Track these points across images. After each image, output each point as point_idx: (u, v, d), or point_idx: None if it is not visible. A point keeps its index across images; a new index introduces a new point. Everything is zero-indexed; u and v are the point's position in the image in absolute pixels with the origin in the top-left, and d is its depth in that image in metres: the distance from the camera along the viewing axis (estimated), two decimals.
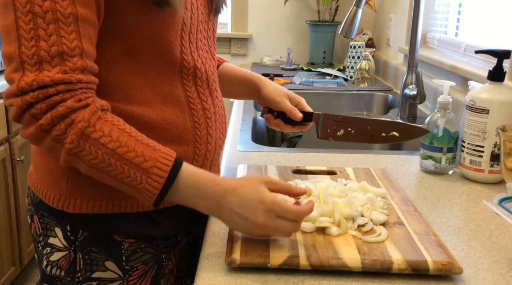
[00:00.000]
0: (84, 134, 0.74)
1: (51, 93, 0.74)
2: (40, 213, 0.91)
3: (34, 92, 0.73)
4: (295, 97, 1.12)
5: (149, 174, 0.76)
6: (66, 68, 0.74)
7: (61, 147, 0.76)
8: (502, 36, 1.57)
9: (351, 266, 0.76)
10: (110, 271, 0.88)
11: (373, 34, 2.74)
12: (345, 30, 1.72)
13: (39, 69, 0.74)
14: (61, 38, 0.74)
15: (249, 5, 2.88)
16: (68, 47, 0.74)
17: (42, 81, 0.73)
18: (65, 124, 0.74)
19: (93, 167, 0.76)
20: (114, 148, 0.75)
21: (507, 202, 0.85)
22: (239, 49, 2.93)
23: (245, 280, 0.76)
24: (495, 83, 1.14)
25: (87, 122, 0.75)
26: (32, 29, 0.73)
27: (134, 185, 0.76)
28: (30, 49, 0.73)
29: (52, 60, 0.74)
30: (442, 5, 2.05)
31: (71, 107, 0.74)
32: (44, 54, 0.73)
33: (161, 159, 0.76)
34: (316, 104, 2.13)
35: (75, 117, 0.74)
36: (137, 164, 0.75)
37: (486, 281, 0.77)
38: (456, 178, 1.18)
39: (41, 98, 0.74)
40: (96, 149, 0.75)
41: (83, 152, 0.75)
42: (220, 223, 0.93)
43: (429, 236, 0.84)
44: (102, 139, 0.75)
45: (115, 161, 0.75)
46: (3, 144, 2.20)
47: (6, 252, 2.27)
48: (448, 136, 1.18)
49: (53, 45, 0.74)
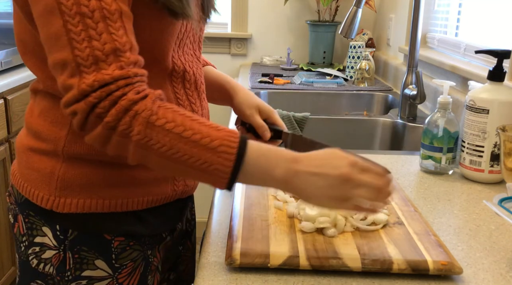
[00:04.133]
0: (149, 123, 0.73)
1: (112, 90, 0.72)
2: (25, 212, 0.91)
3: (96, 92, 0.72)
4: (266, 109, 1.08)
5: (219, 153, 0.74)
6: (122, 64, 0.73)
7: (128, 142, 0.74)
8: (502, 36, 1.57)
9: (351, 266, 0.76)
10: (100, 269, 0.88)
11: (373, 34, 2.74)
12: (345, 30, 1.72)
13: (97, 69, 0.72)
14: (111, 35, 0.73)
15: (249, 5, 2.88)
16: (120, 43, 0.74)
17: (103, 79, 0.72)
18: (130, 117, 0.73)
19: (162, 156, 0.74)
20: (180, 132, 0.74)
21: (507, 202, 0.85)
22: (239, 49, 2.93)
23: (245, 280, 0.76)
24: (495, 83, 1.14)
25: (150, 111, 0.73)
26: (82, 31, 0.72)
27: (205, 168, 0.74)
28: (84, 50, 0.72)
29: (107, 58, 0.73)
30: (442, 5, 2.05)
31: (132, 99, 0.73)
32: (99, 53, 0.72)
33: (227, 137, 0.75)
34: (316, 104, 2.13)
35: (138, 108, 0.73)
36: (205, 145, 0.74)
37: (486, 281, 0.77)
38: (456, 178, 1.18)
39: (104, 96, 0.72)
40: (163, 136, 0.73)
41: (150, 141, 0.73)
42: (220, 223, 0.93)
43: (429, 236, 0.84)
44: (167, 125, 0.74)
45: (183, 145, 0.73)
46: (3, 144, 2.20)
47: (6, 252, 2.27)
48: (448, 136, 1.18)
49: (106, 43, 0.73)
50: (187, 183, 0.96)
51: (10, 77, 2.24)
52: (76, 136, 0.85)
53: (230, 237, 0.83)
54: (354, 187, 0.74)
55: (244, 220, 0.88)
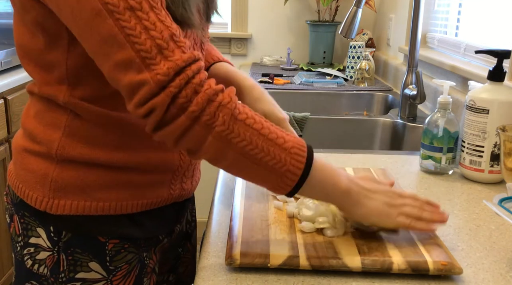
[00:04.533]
0: (233, 116, 0.72)
1: (189, 75, 0.70)
2: (21, 213, 0.90)
3: (174, 80, 0.69)
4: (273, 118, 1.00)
5: (291, 155, 0.74)
6: (182, 48, 0.72)
7: (208, 134, 0.72)
8: (502, 36, 1.57)
9: (351, 266, 0.76)
10: (94, 271, 0.88)
11: (373, 34, 2.74)
12: (345, 30, 1.72)
13: (164, 58, 0.70)
14: (163, 23, 0.71)
15: (249, 5, 2.88)
16: (174, 29, 0.72)
17: (176, 66, 0.70)
18: (214, 107, 0.71)
19: (240, 151, 0.73)
20: (259, 129, 0.73)
21: (507, 202, 0.85)
22: (239, 49, 2.93)
23: (245, 280, 0.76)
24: (495, 83, 1.14)
25: (234, 103, 0.72)
26: (137, 24, 0.70)
27: (278, 168, 0.74)
28: (145, 42, 0.69)
29: (169, 45, 0.71)
30: (442, 5, 2.05)
31: (215, 89, 0.72)
32: (161, 42, 0.70)
33: (297, 140, 0.76)
34: (316, 104, 2.13)
35: (222, 98, 0.72)
36: (280, 145, 0.74)
37: (486, 281, 0.77)
38: (456, 178, 1.18)
39: (183, 84, 0.70)
40: (244, 131, 0.72)
41: (232, 134, 0.72)
42: (220, 223, 0.93)
43: (429, 236, 0.84)
44: (248, 120, 0.73)
45: (261, 142, 0.73)
46: (3, 144, 2.20)
47: (6, 252, 2.27)
48: (448, 136, 1.18)
49: (162, 30, 0.71)
50: (183, 187, 0.96)
51: (10, 77, 2.24)
52: (70, 139, 0.84)
53: (230, 237, 0.83)
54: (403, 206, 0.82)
55: (244, 220, 0.88)
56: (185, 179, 0.96)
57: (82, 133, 0.84)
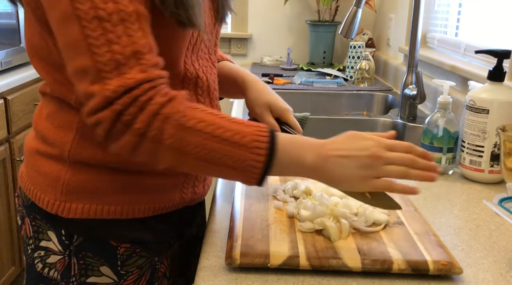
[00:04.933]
0: (181, 125, 0.72)
1: (138, 95, 0.70)
2: (32, 215, 0.90)
3: (122, 98, 0.70)
4: (278, 108, 1.04)
5: (251, 149, 0.73)
6: (143, 67, 0.71)
7: (159, 146, 0.72)
8: (502, 36, 1.57)
9: (351, 266, 0.76)
10: (105, 276, 0.87)
11: (373, 34, 2.74)
12: (345, 30, 1.72)
13: (119, 74, 0.70)
14: (131, 38, 0.71)
15: (249, 5, 2.88)
16: (140, 45, 0.71)
17: (127, 84, 0.69)
18: (160, 121, 0.71)
19: (196, 157, 0.73)
20: (211, 131, 0.73)
21: (507, 202, 0.85)
22: (239, 49, 2.93)
23: (245, 280, 0.76)
24: (495, 83, 1.14)
25: (180, 113, 0.72)
26: (101, 35, 0.69)
27: (238, 164, 0.73)
28: (105, 55, 0.69)
29: (128, 62, 0.70)
30: (442, 5, 2.05)
31: (160, 103, 0.71)
32: (120, 57, 0.70)
33: (257, 132, 0.74)
34: (316, 104, 2.13)
35: (167, 111, 0.71)
36: (236, 142, 0.73)
37: (486, 281, 0.77)
38: (456, 178, 1.18)
39: (130, 102, 0.70)
40: (195, 137, 0.72)
41: (183, 143, 0.72)
42: (220, 223, 0.93)
43: (429, 236, 0.85)
44: (198, 125, 0.72)
45: (215, 144, 0.72)
46: (3, 144, 2.20)
47: (6, 252, 2.27)
48: (448, 136, 1.18)
49: (126, 46, 0.70)
50: (196, 191, 0.95)
51: (10, 77, 2.24)
52: (83, 141, 0.83)
53: (230, 237, 0.83)
54: (384, 164, 0.75)
55: (244, 220, 0.88)
56: (197, 182, 0.95)
57: (94, 135, 0.83)
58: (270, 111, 1.05)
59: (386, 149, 0.76)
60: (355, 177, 0.75)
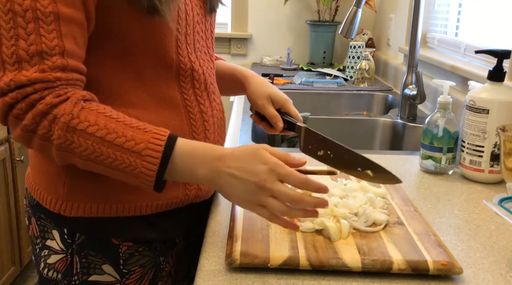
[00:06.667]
0: (70, 127, 0.73)
1: (29, 92, 0.73)
2: (37, 215, 0.91)
3: (13, 92, 0.73)
4: (279, 99, 1.05)
5: (143, 157, 0.74)
6: (45, 67, 0.73)
7: (50, 145, 0.75)
8: (502, 36, 1.57)
9: (351, 266, 0.76)
10: (107, 274, 0.88)
11: (373, 34, 2.74)
12: (345, 30, 1.72)
13: (18, 69, 0.73)
14: (40, 37, 0.73)
15: (249, 5, 2.88)
16: (48, 46, 0.73)
17: (19, 81, 0.72)
18: (48, 121, 0.73)
19: (86, 159, 0.75)
20: (103, 135, 0.74)
21: (507, 202, 0.85)
22: (239, 49, 2.93)
23: (245, 280, 0.76)
24: (495, 83, 1.14)
25: (70, 115, 0.73)
26: (12, 28, 0.72)
27: (130, 170, 0.74)
28: (10, 48, 0.73)
29: (31, 59, 0.73)
30: (442, 5, 2.05)
31: (51, 103, 0.73)
32: (23, 53, 0.73)
33: (152, 140, 0.74)
34: (316, 104, 2.13)
35: (57, 112, 0.73)
36: (129, 149, 0.74)
37: (486, 281, 0.77)
38: (456, 178, 1.18)
39: (20, 98, 0.73)
40: (85, 140, 0.73)
41: (72, 145, 0.74)
42: (220, 223, 0.93)
43: (429, 236, 0.85)
44: (89, 128, 0.74)
45: (106, 148, 0.73)
46: (3, 144, 2.20)
47: (6, 252, 2.27)
48: (448, 136, 1.18)
49: (32, 44, 0.73)
50: (200, 187, 0.94)
51: None
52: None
53: (230, 237, 0.83)
54: (269, 195, 0.74)
55: (244, 220, 0.88)
56: None
57: None
58: (272, 102, 1.05)
59: (278, 179, 0.74)
60: (241, 199, 0.76)
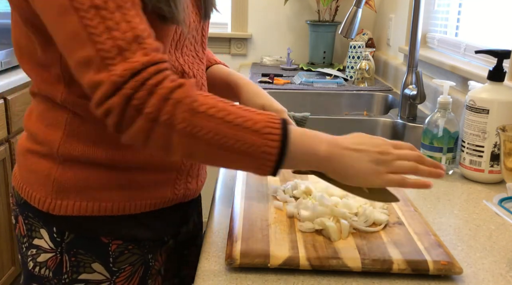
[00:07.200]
0: (193, 110, 0.71)
1: (146, 78, 0.69)
2: (25, 214, 0.91)
3: (129, 82, 0.69)
4: (273, 110, 1.04)
5: (264, 135, 0.72)
6: (146, 51, 0.71)
7: (172, 132, 0.71)
8: (502, 36, 1.57)
9: (351, 266, 0.76)
10: (97, 272, 0.87)
11: (373, 34, 2.74)
12: (345, 30, 1.72)
13: (123, 59, 0.69)
14: (129, 24, 0.71)
15: (249, 5, 2.88)
16: (140, 30, 0.72)
17: (133, 67, 0.69)
18: (171, 105, 0.70)
19: (209, 143, 0.72)
20: (223, 116, 0.72)
21: (507, 202, 0.85)
22: (239, 49, 2.93)
23: (245, 280, 0.76)
24: (495, 83, 1.14)
25: (191, 97, 0.71)
26: (100, 23, 0.69)
27: (252, 151, 0.72)
28: (106, 42, 0.69)
29: (130, 47, 0.70)
30: (442, 5, 2.05)
31: (171, 87, 0.71)
32: (122, 43, 0.70)
33: (268, 119, 0.74)
34: (316, 104, 2.13)
35: (178, 96, 0.71)
36: (249, 127, 0.72)
37: (486, 281, 0.77)
38: (456, 178, 1.18)
39: (138, 85, 0.69)
40: (208, 122, 0.71)
41: (196, 128, 0.71)
42: (220, 223, 0.93)
43: (429, 236, 0.85)
44: (210, 110, 0.72)
45: (228, 129, 0.72)
46: (3, 144, 2.20)
47: (6, 252, 2.27)
48: (448, 136, 1.18)
49: (126, 31, 0.70)
50: (189, 187, 0.95)
51: (10, 77, 2.24)
52: (71, 138, 0.84)
53: (230, 237, 0.83)
54: (395, 159, 0.78)
55: (244, 220, 0.88)
56: (190, 178, 0.95)
57: (82, 132, 0.84)
58: None
59: (394, 147, 0.79)
60: (368, 171, 0.77)
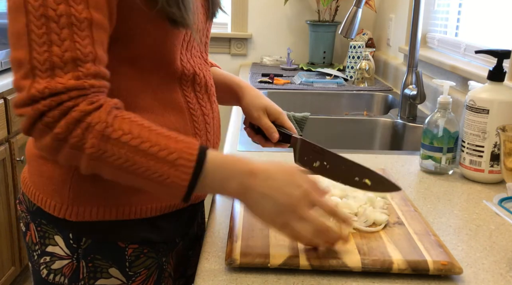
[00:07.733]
0: (104, 136, 0.71)
1: (64, 100, 0.70)
2: (38, 221, 0.89)
3: (46, 100, 0.70)
4: (274, 111, 1.06)
5: (176, 166, 0.73)
6: (80, 74, 0.71)
7: (81, 154, 0.72)
8: (502, 36, 1.57)
9: (351, 266, 0.76)
10: (113, 277, 0.87)
11: (373, 34, 2.74)
12: (345, 30, 1.72)
13: (51, 76, 0.70)
14: (75, 44, 0.71)
15: (249, 5, 2.88)
16: (82, 53, 0.71)
17: (54, 88, 0.70)
18: (82, 129, 0.71)
19: (118, 168, 0.73)
20: (137, 144, 0.72)
21: (507, 202, 0.85)
22: (239, 49, 2.93)
23: (245, 280, 0.76)
24: (495, 83, 1.14)
25: (105, 123, 0.71)
26: (44, 34, 0.70)
27: (162, 180, 0.73)
28: (42, 54, 0.70)
29: (65, 66, 0.71)
30: (442, 5, 2.05)
31: (85, 110, 0.71)
32: (57, 60, 0.70)
33: (185, 149, 0.74)
34: (316, 104, 2.13)
35: (91, 120, 0.71)
36: (163, 158, 0.72)
37: (486, 281, 0.77)
38: (456, 178, 1.18)
39: (53, 105, 0.70)
40: (119, 149, 0.72)
41: (105, 154, 0.72)
42: (220, 223, 0.94)
43: (429, 236, 0.85)
44: (123, 137, 0.72)
45: (140, 158, 0.72)
46: (3, 144, 2.20)
47: (6, 252, 2.27)
48: (448, 136, 1.18)
49: (67, 50, 0.71)
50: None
51: (10, 77, 2.23)
52: None
53: (230, 237, 0.83)
54: (297, 220, 0.75)
55: (244, 220, 0.88)
56: None
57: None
58: (267, 114, 1.06)
59: (310, 205, 0.75)
60: (268, 218, 0.76)
